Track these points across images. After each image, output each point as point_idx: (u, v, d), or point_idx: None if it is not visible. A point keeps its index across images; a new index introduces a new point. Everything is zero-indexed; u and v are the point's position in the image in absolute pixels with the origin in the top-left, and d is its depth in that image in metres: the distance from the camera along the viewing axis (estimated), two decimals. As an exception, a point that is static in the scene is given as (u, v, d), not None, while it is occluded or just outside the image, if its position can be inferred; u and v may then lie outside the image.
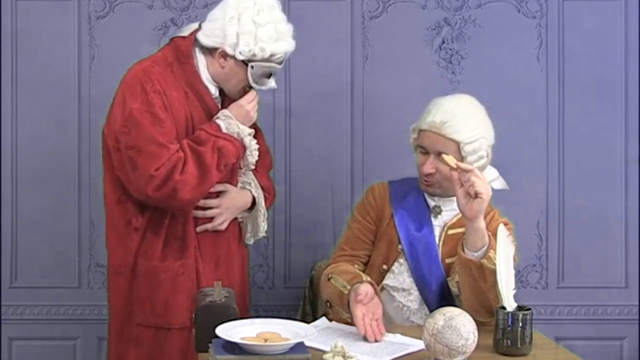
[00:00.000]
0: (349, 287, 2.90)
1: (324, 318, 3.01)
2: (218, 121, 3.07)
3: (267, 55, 3.03)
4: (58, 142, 3.73)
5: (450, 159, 2.90)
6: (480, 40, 3.82)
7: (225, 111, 3.09)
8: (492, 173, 3.09)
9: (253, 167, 3.20)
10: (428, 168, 3.01)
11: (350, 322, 2.88)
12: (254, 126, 3.32)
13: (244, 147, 3.11)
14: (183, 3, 3.74)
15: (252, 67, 3.05)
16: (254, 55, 3.03)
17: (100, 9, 3.72)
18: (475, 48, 3.81)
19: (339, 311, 2.94)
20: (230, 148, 3.05)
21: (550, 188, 3.86)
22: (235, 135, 3.08)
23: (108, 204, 3.14)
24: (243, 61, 3.04)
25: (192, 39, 3.10)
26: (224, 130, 3.06)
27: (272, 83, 3.13)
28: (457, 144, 2.97)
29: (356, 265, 3.09)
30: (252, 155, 3.15)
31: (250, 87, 3.12)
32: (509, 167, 3.67)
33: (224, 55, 3.06)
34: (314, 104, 3.79)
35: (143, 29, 3.73)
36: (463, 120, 2.98)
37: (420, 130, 3.04)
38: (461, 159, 2.96)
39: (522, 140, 3.81)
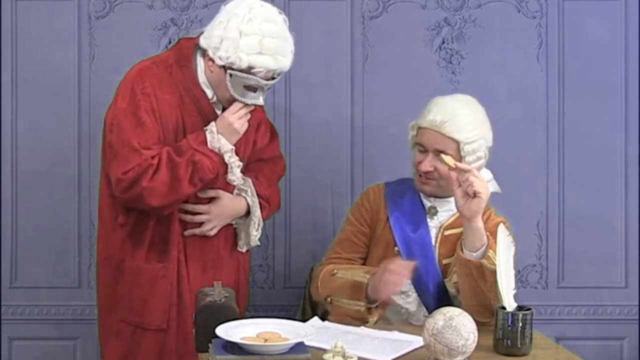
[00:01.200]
0: (368, 276, 2.93)
1: (316, 318, 3.01)
2: (207, 133, 3.03)
3: (244, 65, 2.96)
4: (58, 142, 3.73)
5: (449, 159, 2.90)
6: (480, 40, 3.82)
7: (212, 123, 3.05)
8: (486, 175, 3.09)
9: (235, 184, 3.13)
10: (426, 166, 3.01)
11: (355, 317, 2.92)
12: (270, 129, 3.31)
13: (224, 164, 3.05)
14: (183, 3, 3.74)
15: (230, 75, 2.99)
16: (232, 63, 2.96)
17: (100, 9, 3.72)
18: (475, 48, 3.81)
19: (344, 304, 2.94)
20: (207, 164, 3.00)
21: (550, 188, 3.86)
22: (217, 151, 3.03)
23: (101, 197, 3.16)
24: (224, 68, 2.99)
25: (196, 42, 3.09)
26: (208, 144, 3.02)
27: (258, 99, 3.04)
28: (457, 143, 2.97)
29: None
30: (233, 173, 3.08)
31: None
32: (509, 167, 3.69)
33: (210, 58, 3.02)
34: (314, 103, 3.79)
35: (143, 29, 3.72)
36: (464, 120, 2.98)
37: (420, 128, 3.04)
38: (460, 158, 2.96)
39: (522, 140, 3.81)
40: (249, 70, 2.97)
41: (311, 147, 3.80)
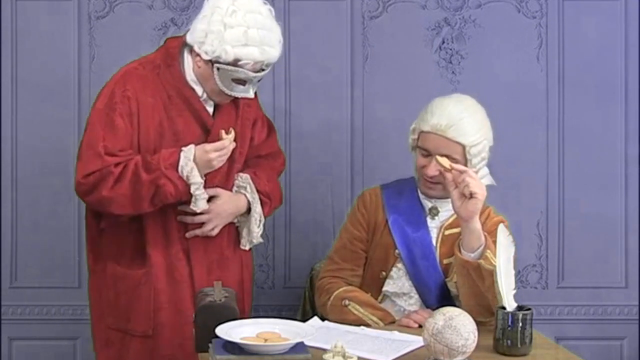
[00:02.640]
0: (381, 324, 2.95)
1: (316, 318, 3.00)
2: (182, 154, 2.98)
3: (230, 59, 2.93)
4: (58, 142, 3.73)
5: (444, 161, 2.89)
6: (480, 40, 3.82)
7: (192, 147, 2.99)
8: (482, 170, 3.08)
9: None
10: (432, 171, 2.98)
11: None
12: (267, 125, 3.30)
13: (189, 193, 3.00)
14: (183, 3, 3.74)
15: (217, 69, 2.96)
16: (218, 57, 2.94)
17: (100, 9, 3.72)
18: (475, 48, 3.81)
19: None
20: (170, 190, 2.96)
21: (550, 188, 3.86)
22: (184, 178, 2.97)
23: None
24: (211, 62, 2.97)
25: (183, 40, 3.08)
26: (179, 168, 2.96)
27: (247, 92, 3.01)
28: (463, 147, 2.95)
29: (355, 280, 3.10)
30: (196, 205, 3.01)
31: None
32: (509, 167, 3.69)
33: (197, 53, 3.01)
34: (314, 103, 3.79)
35: (143, 29, 3.73)
36: (468, 123, 2.96)
37: (422, 132, 3.02)
38: (466, 161, 2.95)
39: (522, 140, 3.81)
40: (235, 62, 2.95)
41: (311, 147, 3.80)
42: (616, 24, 3.83)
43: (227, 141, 2.99)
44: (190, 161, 2.97)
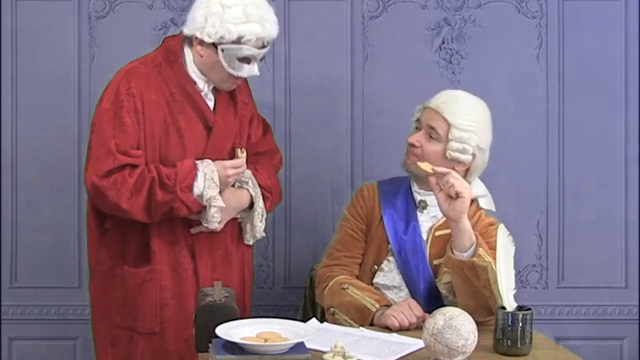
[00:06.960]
0: (377, 305, 2.95)
1: (314, 319, 3.00)
2: (198, 174, 3.03)
3: (234, 37, 2.98)
4: (58, 142, 3.73)
5: (426, 166, 2.92)
6: (480, 40, 3.82)
7: (209, 163, 3.06)
8: (480, 189, 3.10)
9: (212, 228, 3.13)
10: (413, 139, 3.05)
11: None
12: (262, 123, 3.32)
13: (201, 208, 3.05)
14: (183, 3, 3.74)
15: (222, 49, 3.01)
16: (221, 37, 2.99)
17: (100, 9, 3.73)
18: (475, 48, 3.81)
19: (344, 319, 2.96)
20: (184, 212, 3.04)
21: (550, 188, 3.86)
22: (200, 200, 3.03)
23: (89, 202, 3.16)
24: (214, 45, 3.01)
25: (181, 36, 3.10)
26: (194, 189, 3.02)
27: (253, 70, 3.06)
28: (448, 125, 2.99)
29: (355, 267, 3.12)
30: (208, 221, 3.07)
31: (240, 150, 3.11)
32: (509, 167, 3.68)
33: (199, 41, 3.03)
34: (314, 103, 3.79)
35: (143, 29, 3.73)
36: (463, 108, 3.01)
37: (424, 108, 3.08)
38: (446, 141, 2.97)
39: (522, 140, 3.81)
40: (239, 40, 3.00)
41: (311, 147, 3.80)
42: (616, 24, 3.83)
43: (244, 159, 3.09)
44: (212, 181, 3.03)
